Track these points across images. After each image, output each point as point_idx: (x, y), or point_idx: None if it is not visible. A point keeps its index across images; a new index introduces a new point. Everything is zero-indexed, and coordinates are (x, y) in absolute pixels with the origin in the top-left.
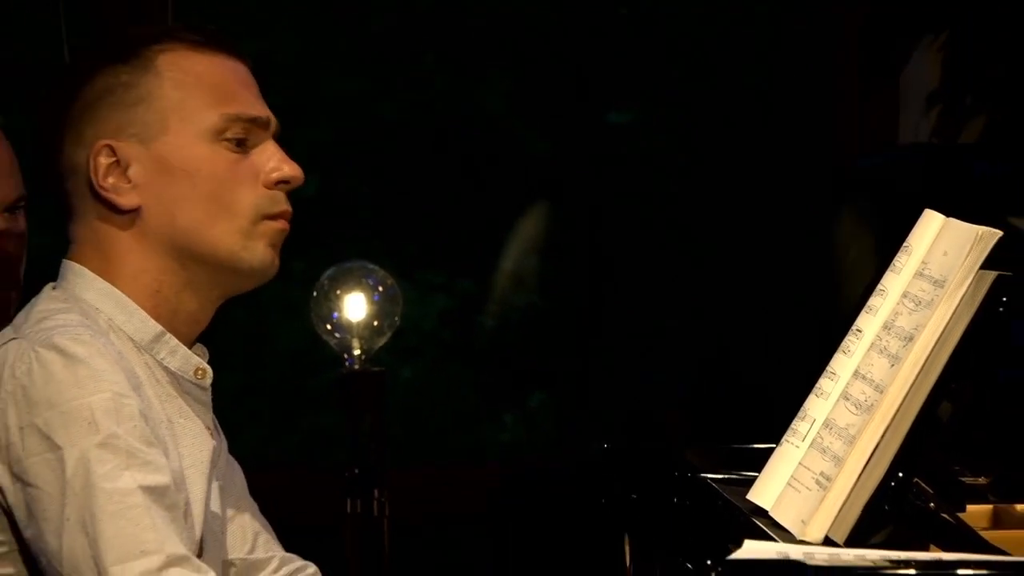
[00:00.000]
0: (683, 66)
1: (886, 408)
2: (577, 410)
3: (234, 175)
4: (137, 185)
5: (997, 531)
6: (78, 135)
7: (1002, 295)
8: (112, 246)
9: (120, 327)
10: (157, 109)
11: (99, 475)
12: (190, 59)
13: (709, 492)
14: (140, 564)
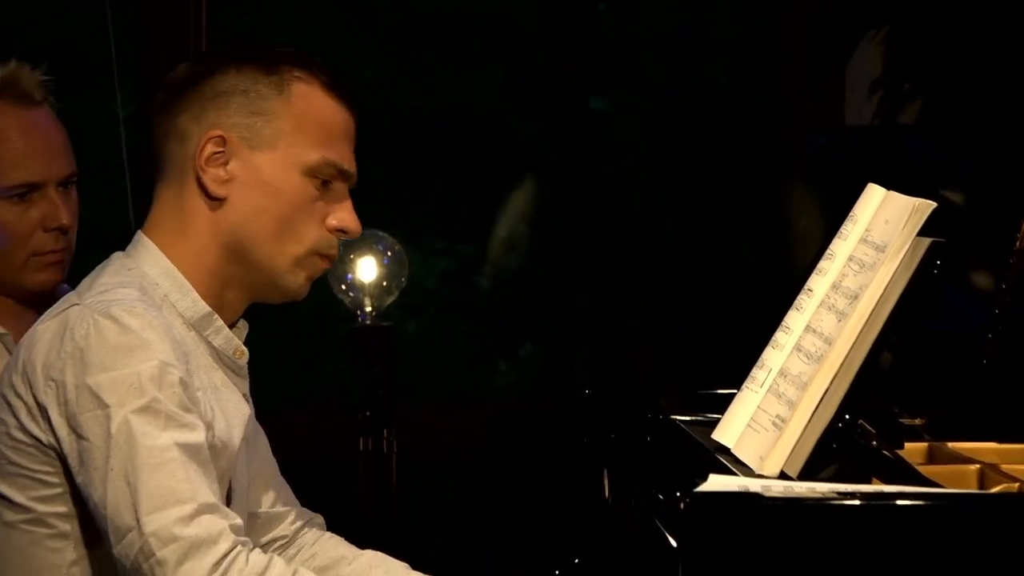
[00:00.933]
0: (654, 58)
1: (834, 358)
2: (561, 358)
3: (309, 210)
4: (230, 180)
5: (931, 466)
6: (200, 111)
7: (936, 259)
8: (189, 219)
9: (174, 304)
10: (274, 127)
11: (141, 433)
12: (318, 98)
13: (678, 432)
14: (175, 511)
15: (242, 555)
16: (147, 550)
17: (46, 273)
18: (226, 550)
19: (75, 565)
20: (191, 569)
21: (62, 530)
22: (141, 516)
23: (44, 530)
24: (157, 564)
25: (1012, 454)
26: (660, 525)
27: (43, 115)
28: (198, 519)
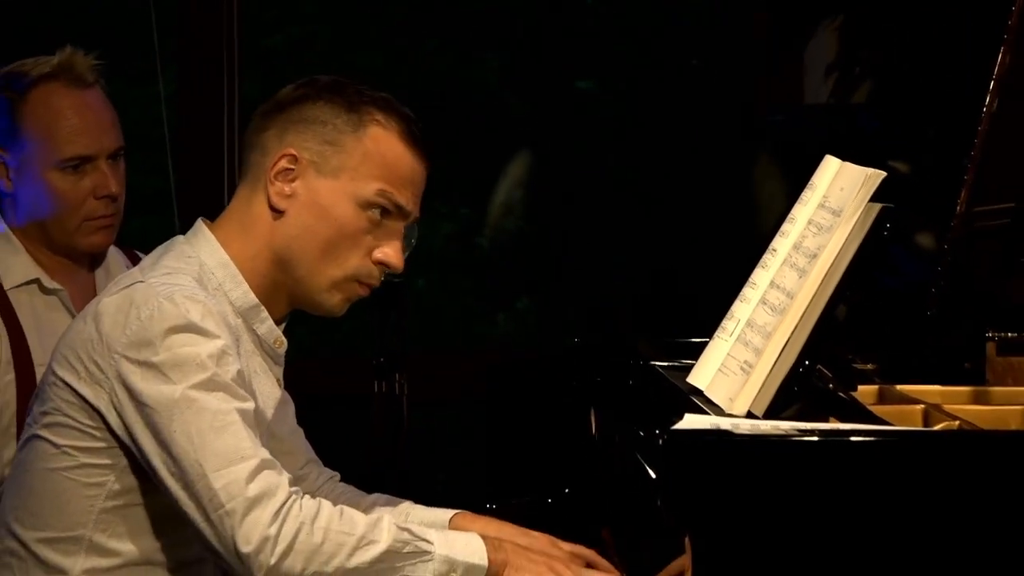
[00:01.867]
0: (634, 44)
1: (795, 310)
2: (553, 311)
3: (357, 239)
4: (292, 196)
5: (881, 406)
6: (283, 131)
7: (885, 222)
8: (252, 223)
9: (226, 293)
10: (341, 159)
11: (204, 400)
12: (391, 142)
13: (657, 376)
14: (242, 467)
15: (296, 503)
16: (216, 502)
17: (97, 236)
18: (283, 499)
19: (104, 512)
20: (256, 518)
21: (98, 480)
22: (209, 472)
23: (82, 479)
24: (226, 515)
25: (953, 395)
26: (641, 459)
27: (95, 95)
28: (261, 474)
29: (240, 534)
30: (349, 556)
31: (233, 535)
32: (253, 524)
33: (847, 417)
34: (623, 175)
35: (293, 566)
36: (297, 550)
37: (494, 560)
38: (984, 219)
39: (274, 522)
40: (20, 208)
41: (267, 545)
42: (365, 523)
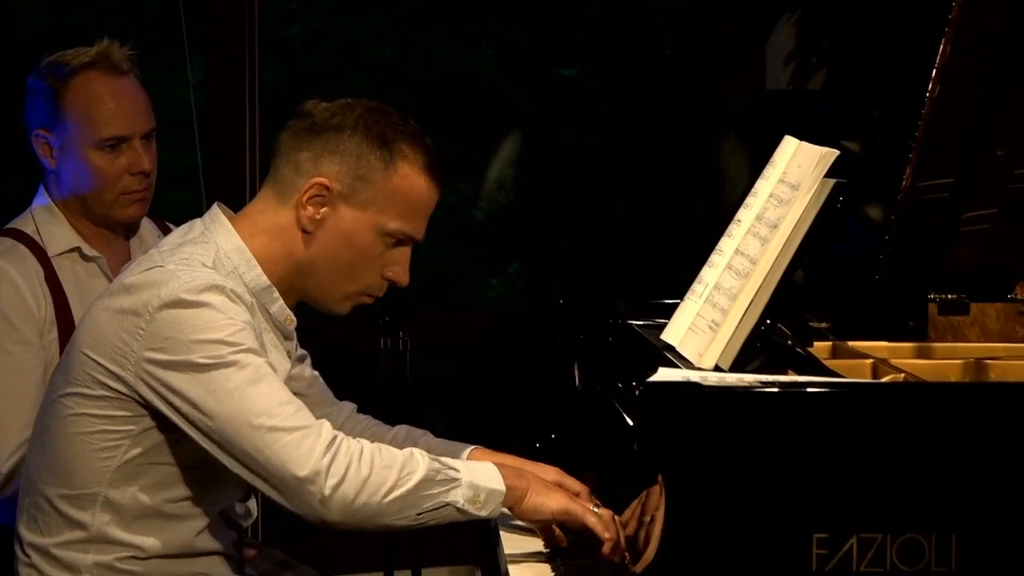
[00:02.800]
0: (612, 35)
1: (758, 275)
2: (541, 275)
3: (372, 263)
4: (319, 221)
5: (834, 360)
6: (319, 156)
7: (838, 196)
8: (280, 231)
9: (241, 275)
10: (370, 194)
11: (239, 361)
12: (416, 178)
13: (634, 334)
14: (285, 409)
15: (344, 440)
16: (265, 442)
17: (132, 208)
18: (332, 434)
19: (118, 472)
20: (311, 447)
21: (114, 444)
22: (253, 419)
23: (99, 442)
24: (280, 450)
25: (898, 351)
26: (619, 407)
27: (130, 82)
28: (302, 411)
29: (296, 462)
30: (394, 486)
31: (290, 461)
32: (308, 453)
33: (804, 370)
34: (603, 153)
35: (347, 494)
36: (349, 481)
37: (513, 486)
38: (927, 193)
39: (327, 454)
40: (63, 183)
41: (320, 476)
42: (403, 457)
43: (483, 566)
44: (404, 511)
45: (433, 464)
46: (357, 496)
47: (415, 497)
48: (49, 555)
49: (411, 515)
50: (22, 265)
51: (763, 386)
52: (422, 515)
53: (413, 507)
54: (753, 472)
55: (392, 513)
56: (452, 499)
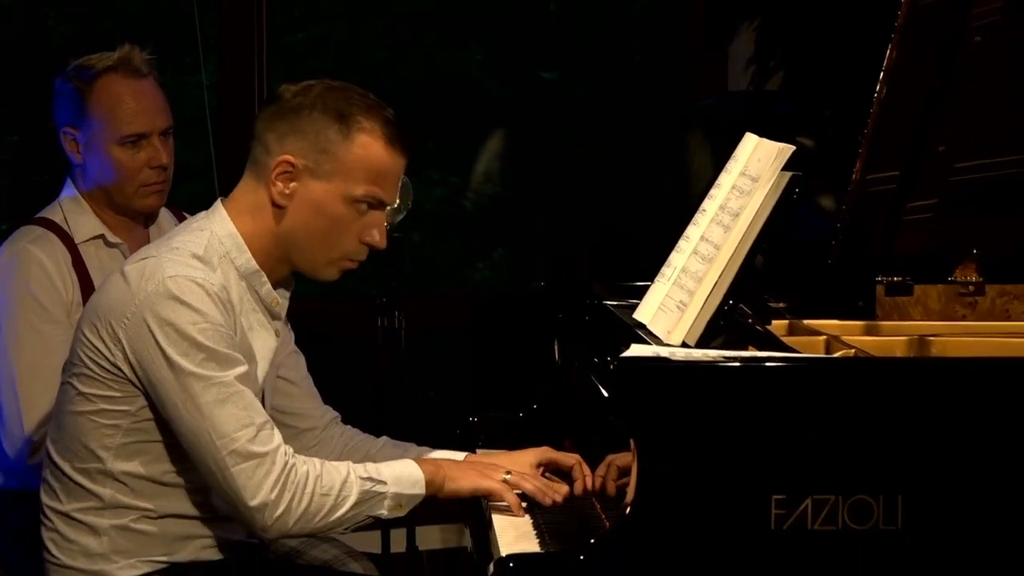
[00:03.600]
0: (589, 41)
1: (721, 259)
2: (524, 260)
3: (347, 228)
4: (291, 195)
5: (791, 337)
6: (284, 135)
7: (795, 187)
8: (258, 210)
9: (232, 259)
10: (333, 165)
11: (206, 374)
12: (376, 148)
13: (608, 313)
14: (246, 433)
15: (293, 469)
16: (223, 464)
17: (151, 199)
18: (282, 465)
19: (122, 447)
20: (259, 483)
21: (115, 422)
22: (216, 440)
23: (101, 420)
24: (232, 476)
25: (849, 328)
26: (595, 380)
27: (149, 84)
28: (261, 435)
29: (246, 490)
30: (328, 512)
31: (240, 490)
32: (258, 485)
33: (763, 346)
34: (581, 149)
35: (286, 523)
36: (291, 513)
37: (431, 482)
38: (874, 185)
39: (275, 488)
40: (88, 176)
41: (267, 507)
42: (340, 482)
43: (471, 523)
44: (334, 528)
45: (364, 484)
46: (295, 524)
47: (345, 516)
48: (70, 518)
49: (338, 529)
50: (51, 251)
51: (726, 361)
52: (349, 527)
53: (341, 524)
54: (717, 439)
55: (322, 530)
56: (377, 512)
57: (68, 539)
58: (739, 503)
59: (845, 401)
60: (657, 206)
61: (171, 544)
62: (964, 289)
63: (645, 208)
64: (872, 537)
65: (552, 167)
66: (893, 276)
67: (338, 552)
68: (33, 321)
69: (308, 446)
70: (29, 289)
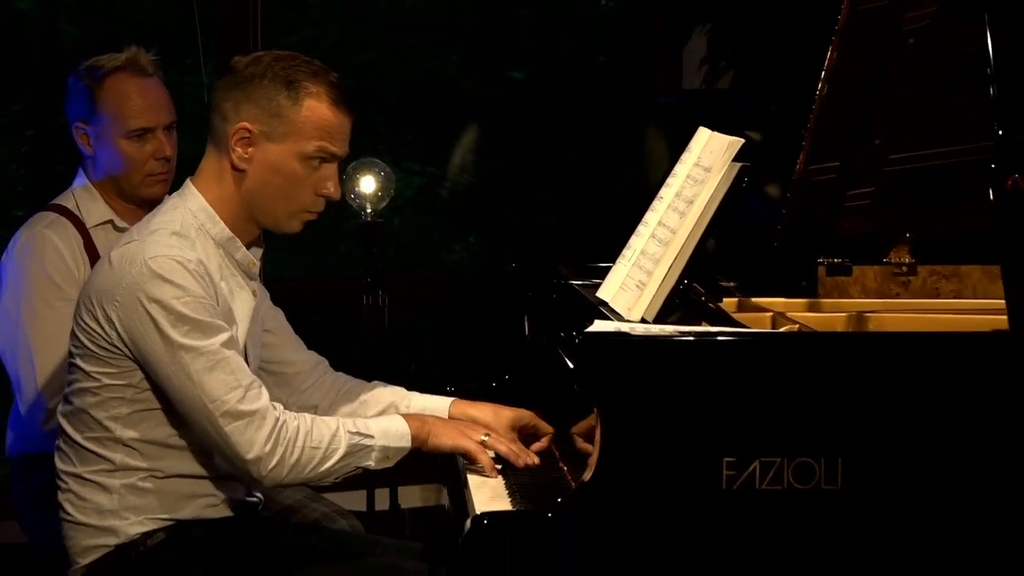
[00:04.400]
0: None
1: (677, 242)
2: (497, 243)
3: (303, 183)
4: (250, 159)
5: (740, 314)
6: (238, 103)
7: (744, 177)
8: (222, 177)
9: (207, 230)
10: (285, 128)
11: (193, 346)
12: (323, 109)
13: (574, 292)
14: (235, 395)
15: (284, 424)
16: (218, 425)
17: (156, 188)
18: (273, 421)
19: (127, 416)
20: (252, 438)
21: (118, 395)
22: (208, 403)
23: (106, 394)
24: (227, 435)
25: (793, 306)
26: (562, 353)
27: (154, 82)
28: (249, 395)
29: (241, 446)
30: (318, 464)
31: (236, 446)
32: (251, 440)
33: (715, 322)
34: (548, 143)
35: (280, 474)
36: (283, 464)
37: (416, 436)
38: (816, 175)
39: (267, 442)
40: (98, 167)
41: (261, 460)
42: (329, 436)
43: (449, 483)
44: (324, 478)
45: (352, 438)
46: (288, 474)
47: (335, 467)
48: (83, 480)
49: (329, 479)
50: (64, 234)
51: (681, 335)
52: (339, 477)
53: (332, 474)
54: (673, 407)
55: (313, 479)
56: (365, 463)
57: (82, 498)
58: (693, 465)
59: (790, 372)
60: (618, 194)
61: (176, 502)
62: (898, 270)
63: (607, 196)
64: (814, 496)
65: (522, 159)
66: (833, 258)
67: (327, 510)
68: (48, 298)
69: (301, 389)
70: (44, 269)
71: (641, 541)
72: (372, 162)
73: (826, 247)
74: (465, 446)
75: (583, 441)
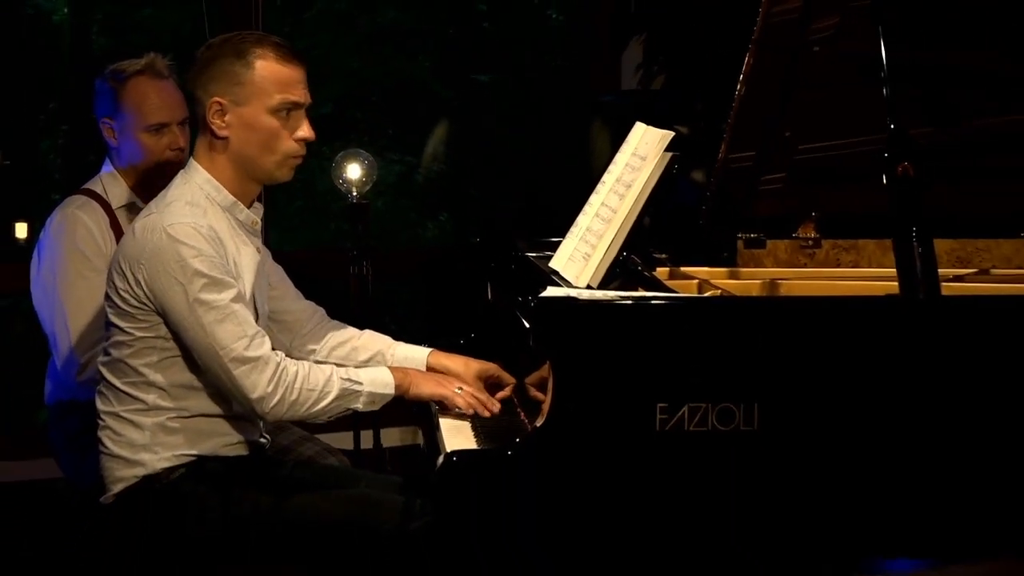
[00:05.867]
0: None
1: (617, 220)
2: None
3: (279, 133)
4: (228, 126)
5: (671, 281)
6: (204, 85)
7: (674, 165)
8: (214, 150)
9: (213, 198)
10: (247, 91)
11: (207, 300)
12: (273, 66)
13: (529, 263)
14: (241, 343)
15: (284, 369)
16: (227, 369)
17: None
18: (275, 365)
19: (158, 363)
20: (256, 380)
21: (150, 346)
22: (218, 350)
23: (139, 345)
24: (235, 378)
25: (716, 274)
26: (519, 315)
27: (169, 84)
28: (253, 343)
29: (247, 387)
30: (314, 403)
31: (243, 388)
32: (255, 383)
33: (649, 288)
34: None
35: (280, 411)
36: (284, 402)
37: (399, 385)
38: (736, 163)
39: (270, 383)
40: (122, 156)
41: (264, 399)
42: (323, 379)
43: (423, 426)
44: (319, 416)
45: (344, 383)
46: (287, 412)
47: (328, 407)
48: (120, 418)
49: (323, 417)
50: (93, 214)
51: (621, 299)
52: (331, 416)
53: (325, 413)
54: (614, 360)
55: (309, 417)
56: (354, 406)
57: (118, 434)
58: (631, 410)
59: (713, 330)
60: (567, 179)
61: (198, 439)
62: (805, 243)
63: (558, 181)
64: (734, 435)
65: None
66: (750, 233)
67: (319, 448)
68: (80, 269)
69: (302, 334)
70: (76, 244)
71: (586, 475)
72: (357, 152)
73: (744, 224)
74: (443, 393)
75: (537, 390)
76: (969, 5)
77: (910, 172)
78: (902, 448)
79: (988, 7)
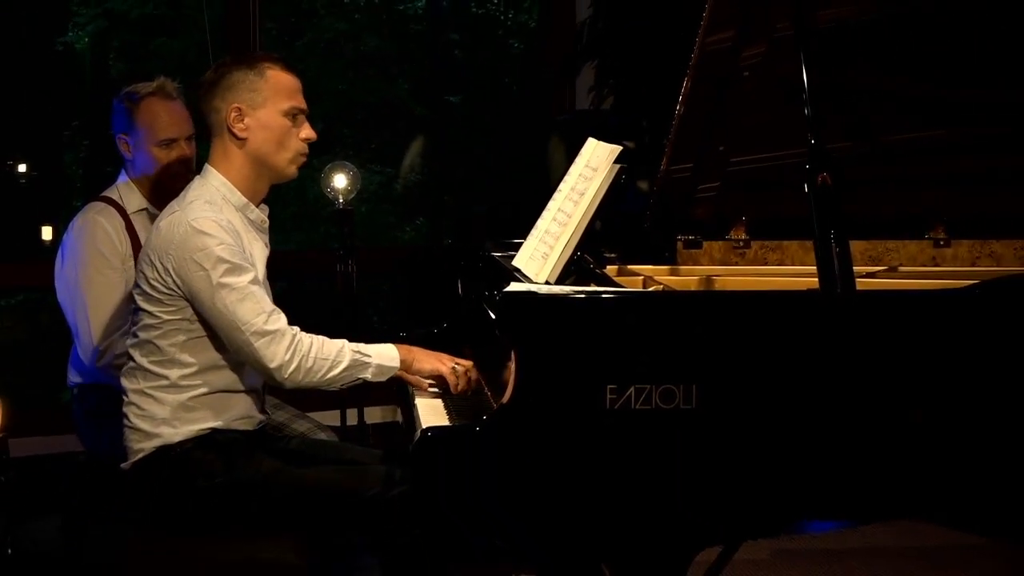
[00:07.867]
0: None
1: (572, 223)
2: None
3: (289, 133)
4: (248, 128)
5: (620, 277)
6: (223, 95)
7: (622, 175)
8: (230, 154)
9: (227, 198)
10: (263, 95)
11: (229, 283)
12: (281, 75)
13: (494, 261)
14: (260, 319)
15: (300, 341)
16: (249, 342)
17: (179, 183)
18: (291, 337)
19: (184, 343)
20: (275, 350)
21: (174, 327)
22: (240, 326)
23: (165, 327)
24: (256, 349)
25: (658, 272)
26: (487, 307)
27: (178, 104)
28: (271, 318)
29: (267, 357)
30: (328, 371)
31: (263, 358)
32: (274, 353)
33: (601, 283)
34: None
35: (297, 378)
36: (300, 369)
37: (404, 360)
38: (676, 173)
39: (287, 352)
40: (136, 168)
41: (283, 367)
42: (335, 350)
43: (402, 405)
44: (332, 384)
45: (355, 355)
46: (304, 379)
47: (340, 376)
48: (144, 394)
49: (336, 385)
50: (111, 218)
51: (576, 294)
52: (344, 384)
53: (339, 381)
54: (570, 347)
55: (323, 385)
56: (363, 376)
57: (142, 408)
58: (584, 391)
59: (656, 320)
60: (528, 188)
61: (215, 414)
62: (736, 244)
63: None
64: (675, 413)
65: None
66: (688, 235)
67: (311, 425)
68: (100, 267)
69: None
70: (96, 245)
71: (543, 448)
72: (343, 164)
73: (683, 227)
74: (440, 369)
75: (502, 374)
76: (880, 35)
77: (828, 182)
78: (821, 424)
79: (898, 36)
